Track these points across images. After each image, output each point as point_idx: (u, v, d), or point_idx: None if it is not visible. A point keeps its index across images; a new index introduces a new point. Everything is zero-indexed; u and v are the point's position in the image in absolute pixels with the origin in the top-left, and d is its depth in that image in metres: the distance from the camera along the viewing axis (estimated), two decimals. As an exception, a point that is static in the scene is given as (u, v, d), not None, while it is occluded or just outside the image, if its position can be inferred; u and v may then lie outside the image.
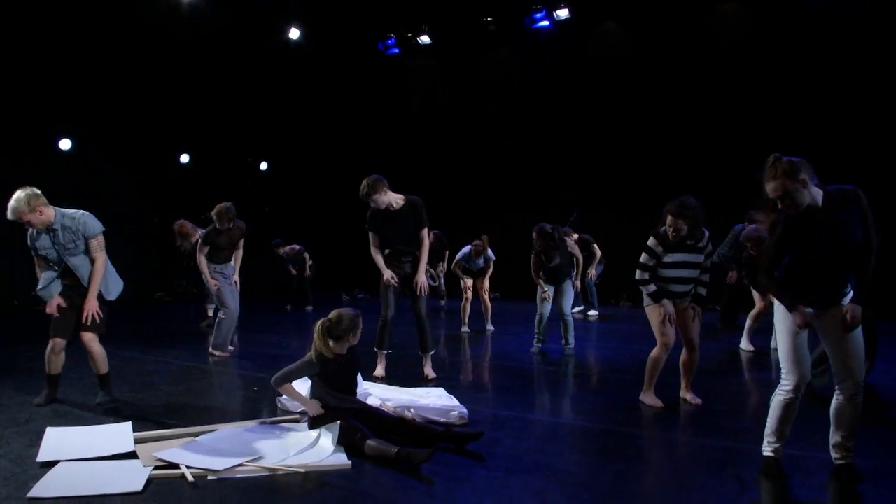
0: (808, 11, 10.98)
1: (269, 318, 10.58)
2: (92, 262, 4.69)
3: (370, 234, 5.83)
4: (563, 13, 12.88)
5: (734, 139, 11.41)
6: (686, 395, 5.01)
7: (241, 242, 7.25)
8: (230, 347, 7.10)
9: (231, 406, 4.95)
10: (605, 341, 8.50)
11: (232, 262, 7.15)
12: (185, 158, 13.34)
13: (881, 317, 9.52)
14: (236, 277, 7.16)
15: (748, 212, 7.69)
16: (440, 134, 14.89)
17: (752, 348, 7.26)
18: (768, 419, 3.44)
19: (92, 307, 4.58)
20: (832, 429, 3.38)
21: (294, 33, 13.39)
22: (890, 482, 3.34)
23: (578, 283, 8.65)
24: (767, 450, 3.43)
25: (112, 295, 4.84)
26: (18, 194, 4.41)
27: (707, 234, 4.76)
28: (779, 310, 3.38)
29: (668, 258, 4.72)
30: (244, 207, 14.12)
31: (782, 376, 3.38)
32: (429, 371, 5.85)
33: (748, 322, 7.38)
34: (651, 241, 4.73)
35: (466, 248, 9.04)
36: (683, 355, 4.99)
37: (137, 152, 12.44)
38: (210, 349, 6.97)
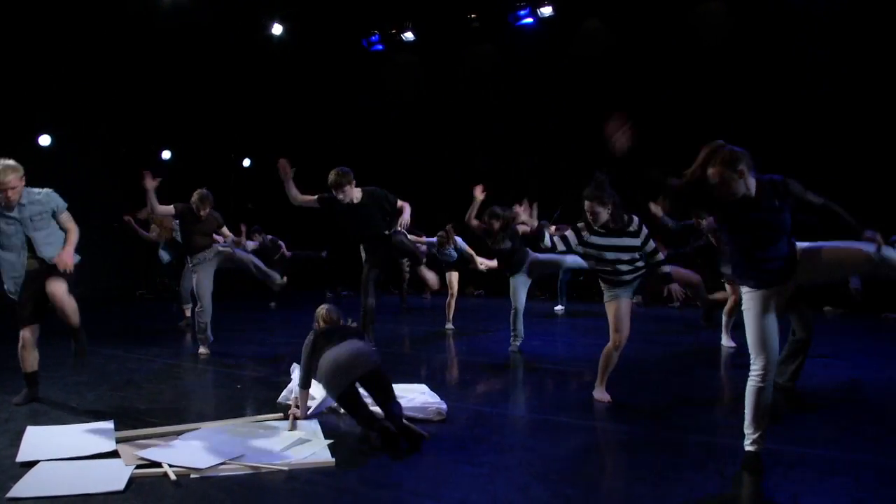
0: (791, 11, 11.08)
1: (251, 315, 10.53)
2: (64, 231, 4.69)
3: (317, 200, 6.25)
4: (546, 10, 12.89)
5: (717, 137, 11.48)
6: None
7: (224, 230, 7.08)
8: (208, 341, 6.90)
9: (214, 403, 4.92)
10: (587, 337, 8.53)
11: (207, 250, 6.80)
12: (166, 155, 13.22)
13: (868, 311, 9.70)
14: (244, 241, 7.12)
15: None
16: (423, 130, 14.87)
17: (732, 344, 7.26)
18: (745, 411, 3.46)
19: (67, 258, 4.51)
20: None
21: (277, 29, 13.31)
22: (862, 472, 3.39)
23: None
24: (747, 443, 3.46)
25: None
26: (7, 161, 4.45)
27: (636, 218, 4.89)
28: (746, 296, 3.43)
29: (598, 240, 4.84)
30: (227, 204, 14.13)
31: (751, 362, 3.41)
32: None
33: (724, 318, 7.37)
34: (579, 224, 4.95)
35: (432, 239, 9.06)
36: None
37: (118, 148, 12.31)
38: (199, 350, 6.84)
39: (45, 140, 11.21)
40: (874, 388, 5.60)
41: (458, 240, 9.01)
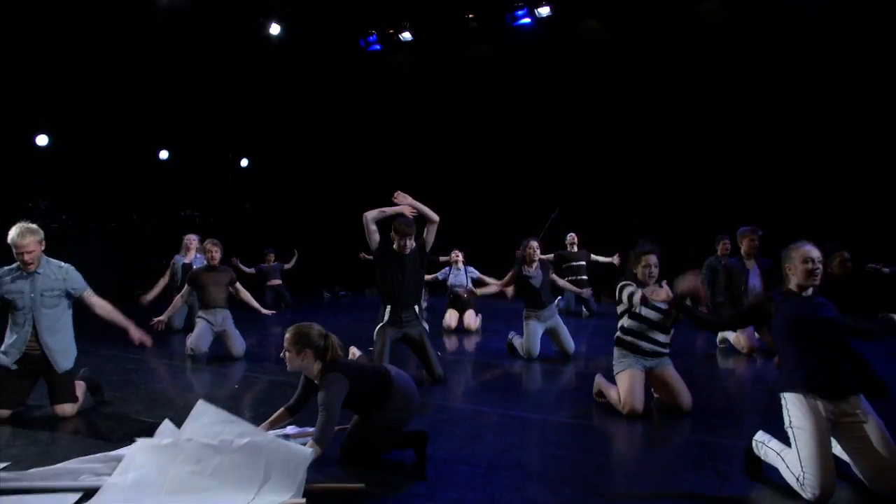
0: (787, 11, 11.11)
1: (248, 315, 10.49)
2: (92, 306, 4.58)
3: (371, 237, 5.43)
4: (544, 10, 12.91)
5: (714, 136, 11.54)
6: None
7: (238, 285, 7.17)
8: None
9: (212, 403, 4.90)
10: (587, 337, 8.55)
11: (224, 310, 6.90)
12: (164, 155, 13.21)
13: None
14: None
15: (718, 235, 7.81)
16: (421, 131, 14.89)
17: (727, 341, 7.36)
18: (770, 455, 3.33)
19: (137, 335, 4.58)
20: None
21: (275, 29, 13.31)
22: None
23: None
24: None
25: (69, 363, 4.52)
26: (28, 224, 4.26)
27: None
28: (796, 408, 3.22)
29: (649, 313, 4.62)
30: (225, 204, 14.14)
31: (806, 482, 3.04)
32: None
33: None
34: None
35: (446, 269, 9.08)
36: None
37: (116, 148, 12.30)
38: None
39: (42, 140, 11.19)
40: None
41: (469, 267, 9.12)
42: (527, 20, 13.29)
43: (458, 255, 9.14)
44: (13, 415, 4.37)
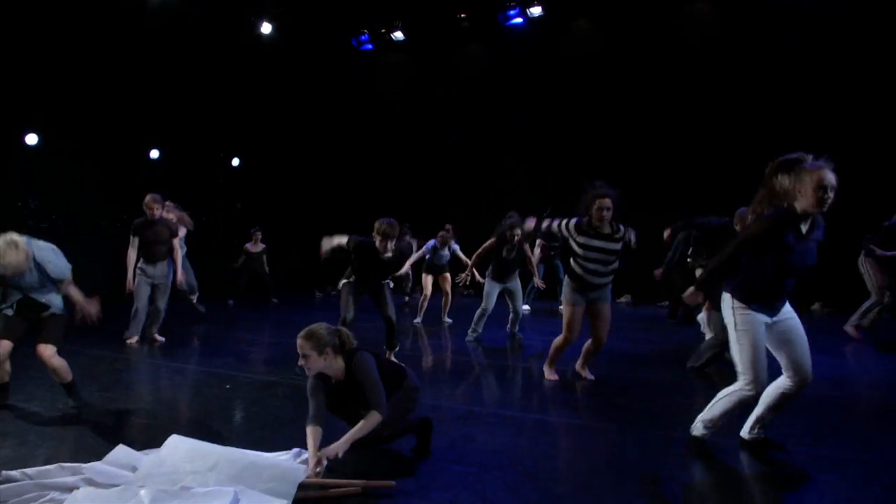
0: (778, 11, 11.16)
1: (242, 314, 10.49)
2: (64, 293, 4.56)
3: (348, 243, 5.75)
4: (536, 10, 12.94)
5: (706, 136, 11.59)
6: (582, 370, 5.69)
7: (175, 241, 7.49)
8: (159, 338, 7.40)
9: (202, 403, 4.90)
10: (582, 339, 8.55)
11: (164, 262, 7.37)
12: (155, 154, 13.14)
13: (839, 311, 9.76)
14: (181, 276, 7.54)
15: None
16: (413, 130, 14.87)
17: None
18: (713, 409, 3.61)
19: (89, 307, 4.49)
20: (763, 409, 3.62)
21: (266, 28, 13.28)
22: (848, 470, 3.42)
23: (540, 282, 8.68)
24: (701, 432, 3.67)
25: (60, 305, 4.60)
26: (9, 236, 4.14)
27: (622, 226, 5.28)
28: (744, 317, 3.44)
29: (587, 241, 5.24)
30: (216, 204, 14.08)
31: (741, 376, 3.46)
32: None
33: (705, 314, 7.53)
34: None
35: (431, 242, 9.13)
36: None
37: (106, 147, 12.22)
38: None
39: (32, 139, 11.10)
40: (860, 385, 5.66)
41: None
42: (519, 20, 13.32)
43: (448, 231, 9.38)
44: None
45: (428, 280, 9.40)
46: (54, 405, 4.64)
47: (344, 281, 6.03)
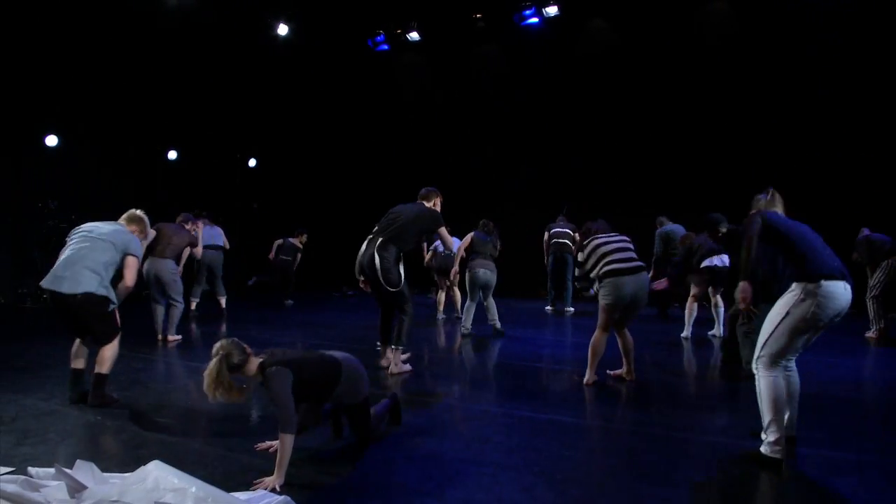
0: (795, 11, 11.06)
1: (256, 314, 10.54)
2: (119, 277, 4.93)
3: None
4: (551, 10, 12.93)
5: (723, 136, 11.50)
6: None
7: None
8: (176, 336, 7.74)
9: (219, 404, 4.91)
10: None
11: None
12: (172, 155, 13.26)
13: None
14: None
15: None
16: (429, 130, 14.90)
17: (720, 333, 7.73)
18: (764, 408, 3.54)
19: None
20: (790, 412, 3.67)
21: (283, 29, 13.37)
22: (868, 473, 3.38)
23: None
24: (770, 448, 3.49)
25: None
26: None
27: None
28: (797, 304, 3.51)
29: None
30: (233, 204, 14.18)
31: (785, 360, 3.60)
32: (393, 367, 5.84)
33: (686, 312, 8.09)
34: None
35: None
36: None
37: (125, 148, 12.35)
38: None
39: (52, 140, 11.25)
40: (879, 388, 5.58)
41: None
42: (534, 20, 13.31)
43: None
44: (22, 409, 4.41)
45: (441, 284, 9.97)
46: (75, 403, 4.70)
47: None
